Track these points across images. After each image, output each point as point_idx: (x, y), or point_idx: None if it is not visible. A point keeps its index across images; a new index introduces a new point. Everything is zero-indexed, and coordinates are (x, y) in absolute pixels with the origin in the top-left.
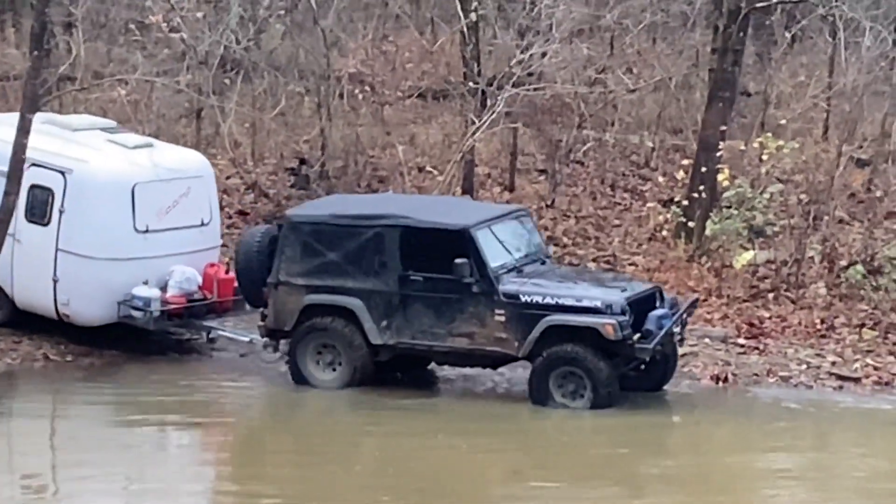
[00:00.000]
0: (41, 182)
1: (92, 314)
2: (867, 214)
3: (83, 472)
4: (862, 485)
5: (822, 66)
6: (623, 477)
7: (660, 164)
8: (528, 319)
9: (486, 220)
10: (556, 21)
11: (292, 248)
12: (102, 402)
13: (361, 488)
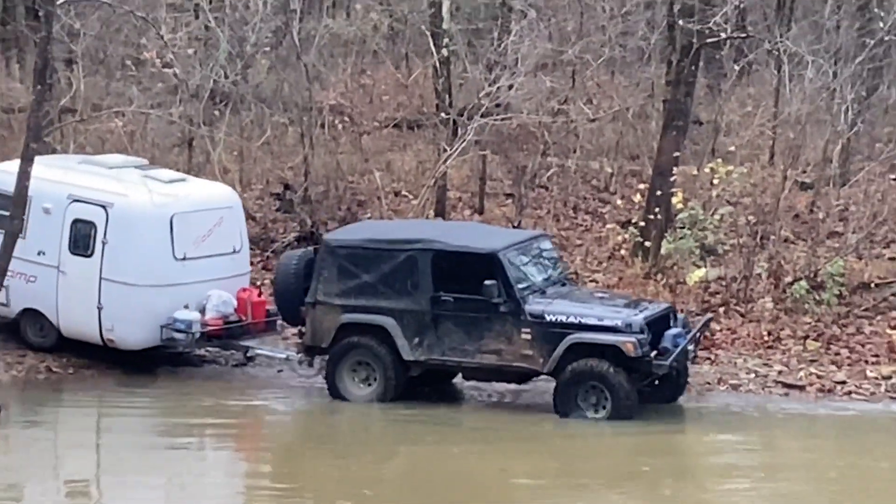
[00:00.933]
0: (84, 216)
1: (136, 338)
2: (810, 234)
3: (128, 478)
4: (805, 475)
5: (768, 96)
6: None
7: (618, 188)
8: (553, 337)
9: (512, 245)
10: (522, 56)
11: (329, 271)
12: (142, 411)
13: (394, 495)
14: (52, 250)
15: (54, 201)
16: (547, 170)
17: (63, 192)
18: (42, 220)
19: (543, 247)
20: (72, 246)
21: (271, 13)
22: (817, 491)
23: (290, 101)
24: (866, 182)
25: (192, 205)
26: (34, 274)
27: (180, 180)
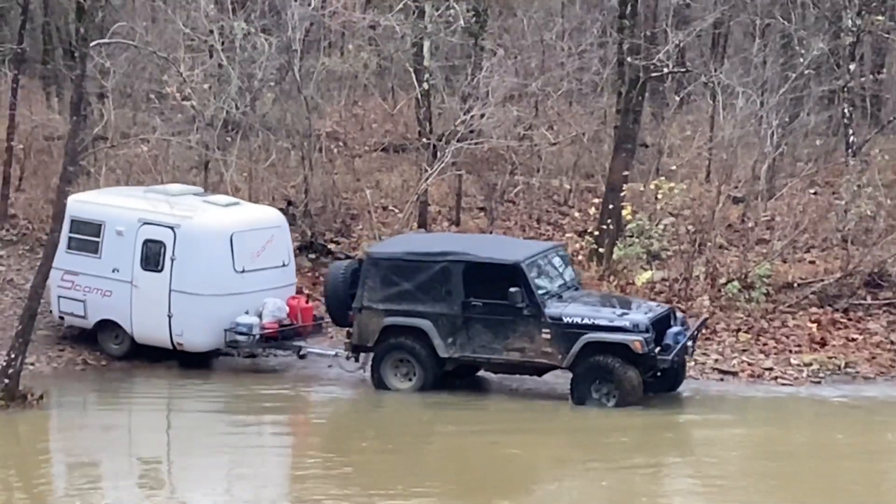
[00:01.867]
0: (153, 237)
1: (202, 342)
2: (742, 241)
3: (190, 460)
4: (738, 445)
5: (704, 122)
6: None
7: (576, 203)
8: (570, 337)
9: (532, 256)
10: (492, 89)
11: (373, 280)
12: (205, 398)
13: (431, 472)
14: (125, 267)
15: (126, 225)
16: (514, 187)
17: (134, 217)
18: (115, 242)
19: (558, 257)
20: (143, 263)
21: (276, 53)
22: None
23: (292, 129)
24: (789, 196)
25: (248, 224)
26: (109, 289)
27: (235, 204)
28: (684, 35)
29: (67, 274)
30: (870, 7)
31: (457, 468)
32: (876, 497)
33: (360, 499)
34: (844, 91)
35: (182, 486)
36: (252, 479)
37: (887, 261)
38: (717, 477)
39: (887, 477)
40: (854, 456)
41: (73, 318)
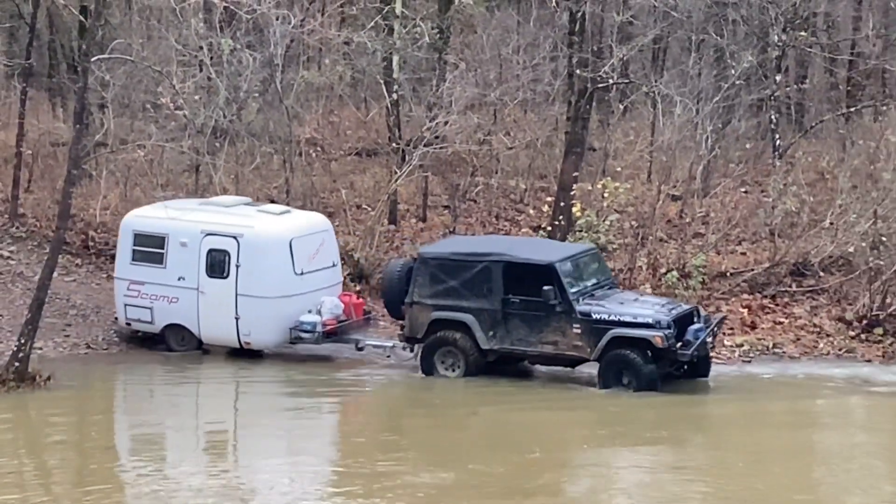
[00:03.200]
0: (217, 246)
1: (269, 340)
2: (680, 235)
3: (256, 431)
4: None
5: (646, 128)
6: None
7: (530, 201)
8: (598, 332)
9: (566, 257)
10: (455, 99)
11: (423, 277)
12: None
13: (474, 446)
14: (191, 276)
15: (189, 236)
16: (475, 187)
17: (196, 229)
18: (180, 252)
19: (593, 258)
20: (209, 270)
21: (259, 67)
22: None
23: (274, 135)
24: (722, 194)
25: (304, 230)
26: (176, 296)
27: (287, 212)
28: (627, 50)
29: (133, 284)
30: (794, 24)
31: (496, 440)
32: (801, 459)
33: (410, 469)
34: (771, 99)
35: (159, 453)
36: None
37: (810, 252)
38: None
39: (811, 441)
40: (781, 424)
41: (139, 324)
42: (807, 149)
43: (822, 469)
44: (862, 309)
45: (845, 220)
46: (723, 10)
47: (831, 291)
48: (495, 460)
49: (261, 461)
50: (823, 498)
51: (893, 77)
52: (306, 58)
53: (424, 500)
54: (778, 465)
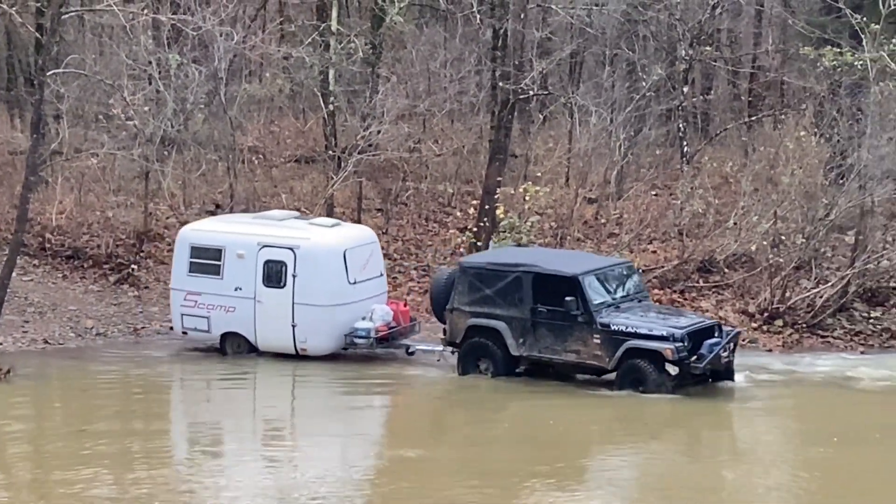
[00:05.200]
0: (274, 257)
1: (324, 346)
2: (596, 235)
3: (315, 425)
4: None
5: (564, 136)
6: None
7: (457, 204)
8: (616, 342)
9: (592, 270)
10: (387, 109)
11: (462, 285)
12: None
13: (503, 437)
14: (247, 286)
15: (246, 248)
16: (406, 191)
17: (253, 241)
18: (236, 264)
19: (625, 271)
20: (265, 281)
21: (205, 80)
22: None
23: (219, 144)
24: (635, 197)
25: (355, 241)
26: (232, 305)
27: (337, 224)
28: (546, 63)
29: (190, 294)
30: (699, 40)
31: (524, 431)
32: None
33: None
34: (679, 109)
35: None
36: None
37: (716, 250)
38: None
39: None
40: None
41: (196, 333)
42: (712, 155)
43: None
44: (763, 302)
45: (748, 221)
46: (634, 27)
47: (735, 286)
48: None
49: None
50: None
51: (791, 88)
52: (248, 71)
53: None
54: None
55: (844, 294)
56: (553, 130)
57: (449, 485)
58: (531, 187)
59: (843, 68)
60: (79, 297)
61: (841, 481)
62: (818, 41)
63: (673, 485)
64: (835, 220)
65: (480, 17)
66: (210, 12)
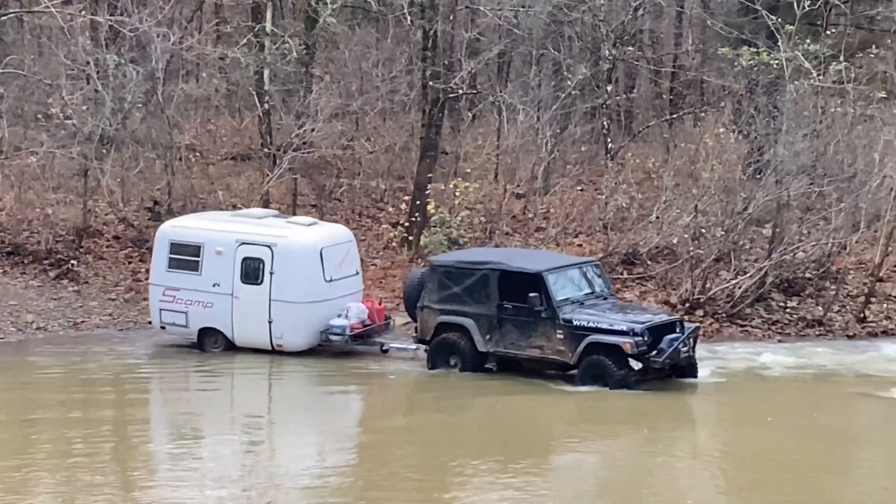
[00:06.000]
0: (251, 255)
1: (300, 343)
2: (524, 229)
3: (293, 416)
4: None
5: (493, 134)
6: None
7: (390, 200)
8: (578, 337)
9: (556, 267)
10: (320, 108)
11: (433, 283)
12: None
13: (474, 428)
14: (226, 282)
15: (225, 245)
16: (340, 188)
17: (231, 238)
18: (215, 260)
19: (591, 270)
20: (243, 277)
21: (142, 80)
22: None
23: (157, 142)
24: (561, 192)
25: (331, 240)
26: (210, 301)
27: (315, 223)
28: (475, 63)
29: (168, 290)
30: (622, 40)
31: (492, 423)
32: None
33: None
34: (603, 107)
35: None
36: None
37: (639, 243)
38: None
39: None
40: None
41: (174, 328)
42: (635, 151)
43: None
44: (685, 293)
45: (669, 215)
46: (560, 28)
47: (658, 278)
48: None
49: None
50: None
51: (710, 87)
52: (185, 71)
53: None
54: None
55: (762, 285)
56: (482, 128)
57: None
58: (461, 183)
59: (760, 67)
60: (19, 292)
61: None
62: (736, 41)
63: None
64: (752, 213)
65: (411, 18)
66: (147, 14)
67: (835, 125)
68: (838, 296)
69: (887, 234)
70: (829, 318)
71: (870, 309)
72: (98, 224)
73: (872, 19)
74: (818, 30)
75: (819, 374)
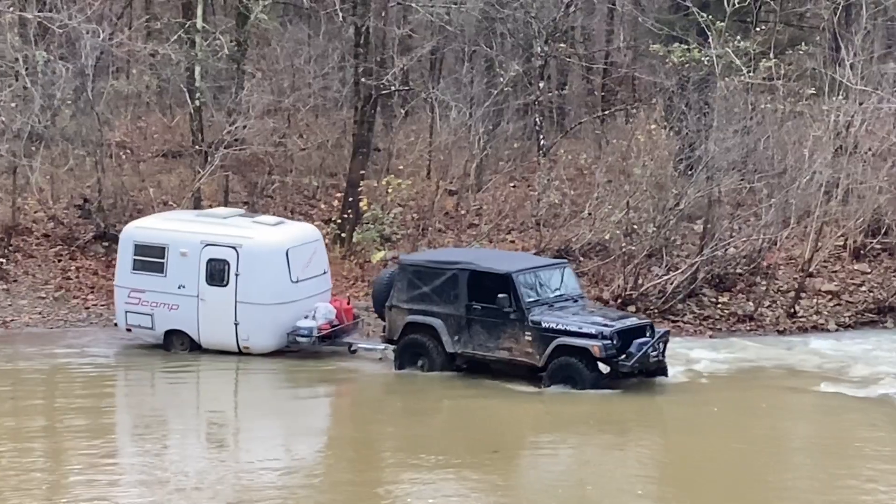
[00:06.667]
0: (217, 256)
1: (267, 344)
2: (457, 225)
3: (258, 415)
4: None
5: (425, 130)
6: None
7: (322, 196)
8: (546, 339)
9: (526, 268)
10: (252, 105)
11: (402, 283)
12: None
13: (442, 430)
14: (191, 284)
15: (189, 247)
16: (272, 184)
17: (196, 239)
18: (180, 262)
19: (562, 272)
20: (209, 279)
21: (72, 77)
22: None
23: (87, 139)
24: (494, 189)
25: (297, 240)
26: (176, 303)
27: (281, 223)
28: (407, 60)
29: (134, 292)
30: (554, 37)
31: (460, 423)
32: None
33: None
34: (536, 104)
35: None
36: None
37: (572, 239)
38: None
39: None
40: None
41: (140, 330)
42: (567, 148)
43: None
44: (617, 289)
45: (602, 211)
46: (492, 25)
47: (590, 274)
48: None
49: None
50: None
51: (642, 83)
52: (115, 68)
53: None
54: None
55: (694, 280)
56: (414, 125)
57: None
58: (394, 180)
59: (691, 64)
60: None
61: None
62: (667, 38)
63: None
64: (684, 209)
65: (343, 15)
66: (76, 10)
67: (765, 121)
68: (769, 291)
69: (817, 230)
70: (760, 313)
71: (800, 304)
72: (27, 222)
73: (802, 16)
74: (748, 27)
75: (749, 369)
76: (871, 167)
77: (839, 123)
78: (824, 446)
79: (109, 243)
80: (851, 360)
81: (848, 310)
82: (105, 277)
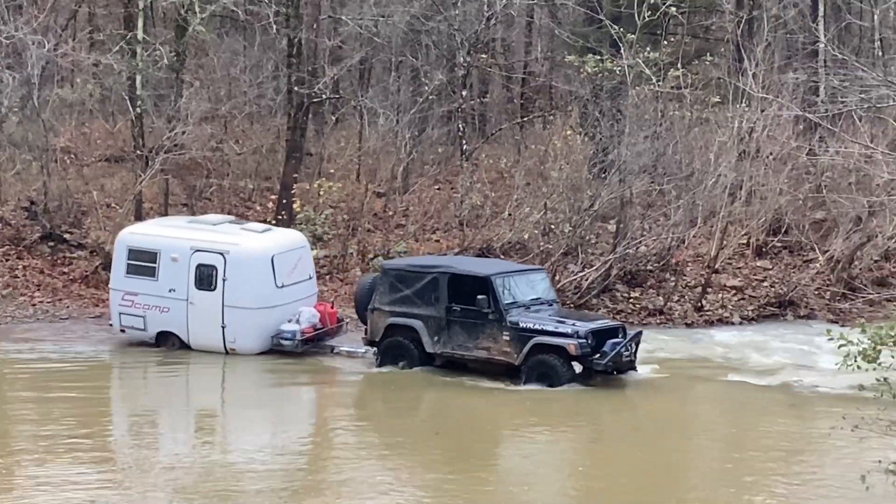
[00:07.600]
0: (205, 261)
1: (252, 347)
2: (385, 226)
3: (247, 412)
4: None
5: (355, 136)
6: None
7: (257, 199)
8: (523, 339)
9: (504, 272)
10: (191, 112)
11: (383, 286)
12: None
13: (422, 423)
14: (181, 288)
15: (180, 252)
16: (210, 188)
17: (186, 245)
18: (170, 267)
19: (537, 277)
20: (198, 283)
21: (18, 85)
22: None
23: (33, 145)
24: (419, 191)
25: (283, 246)
26: (167, 306)
27: (268, 230)
28: (338, 70)
29: (127, 295)
30: (476, 48)
31: (440, 418)
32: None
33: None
34: (458, 111)
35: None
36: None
37: (493, 238)
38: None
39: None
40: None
41: (133, 331)
42: (489, 152)
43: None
44: None
45: (521, 212)
46: (417, 36)
47: None
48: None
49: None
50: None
51: (558, 92)
52: (60, 77)
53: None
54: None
55: (607, 277)
56: (345, 131)
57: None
58: (325, 183)
59: (604, 74)
60: None
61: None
62: (582, 49)
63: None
64: (598, 210)
65: (277, 27)
66: (23, 22)
67: (673, 128)
68: (677, 287)
69: (722, 229)
70: (670, 307)
71: (706, 299)
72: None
73: (707, 29)
74: (658, 39)
75: (660, 360)
76: (772, 170)
77: (742, 129)
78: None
79: (55, 243)
80: (754, 350)
81: (751, 304)
82: (50, 276)
